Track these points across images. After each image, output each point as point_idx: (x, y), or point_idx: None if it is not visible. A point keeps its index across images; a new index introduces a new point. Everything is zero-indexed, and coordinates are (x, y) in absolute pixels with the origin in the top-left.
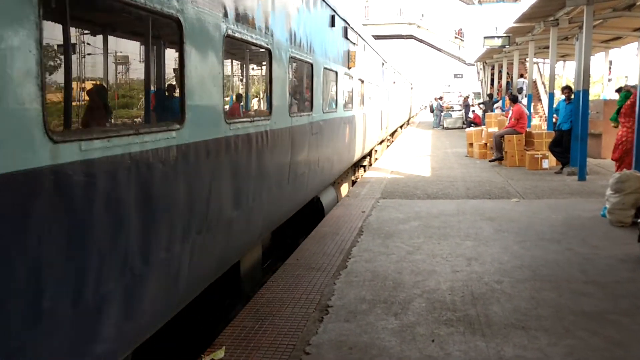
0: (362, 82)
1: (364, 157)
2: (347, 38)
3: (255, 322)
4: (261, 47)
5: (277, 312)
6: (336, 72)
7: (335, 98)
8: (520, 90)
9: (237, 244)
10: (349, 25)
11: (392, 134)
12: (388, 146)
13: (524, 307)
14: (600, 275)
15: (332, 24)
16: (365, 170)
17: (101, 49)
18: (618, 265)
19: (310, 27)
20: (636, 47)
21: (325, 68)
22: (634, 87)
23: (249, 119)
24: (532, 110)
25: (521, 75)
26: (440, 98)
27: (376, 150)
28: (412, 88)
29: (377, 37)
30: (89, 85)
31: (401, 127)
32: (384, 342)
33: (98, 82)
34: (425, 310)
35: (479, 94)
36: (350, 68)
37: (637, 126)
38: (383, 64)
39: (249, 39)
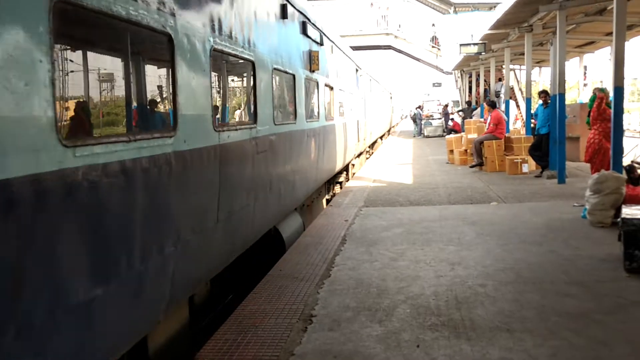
0: (332, 89)
1: (339, 173)
2: (307, 35)
3: (237, 335)
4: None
5: (260, 323)
6: (293, 75)
7: (294, 107)
8: (497, 94)
9: (127, 330)
10: (308, 19)
11: (372, 145)
12: (367, 158)
13: (508, 309)
14: (583, 276)
15: (284, 15)
16: (341, 187)
17: (95, 66)
18: (599, 266)
19: (248, 13)
20: (609, 51)
21: (275, 69)
22: (601, 90)
23: (125, 139)
24: (510, 114)
25: (499, 79)
26: (420, 107)
27: (353, 165)
28: (392, 97)
29: (355, 48)
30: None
31: (381, 137)
32: (368, 349)
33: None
34: (409, 316)
35: (458, 101)
36: (313, 71)
37: (613, 127)
38: (357, 70)
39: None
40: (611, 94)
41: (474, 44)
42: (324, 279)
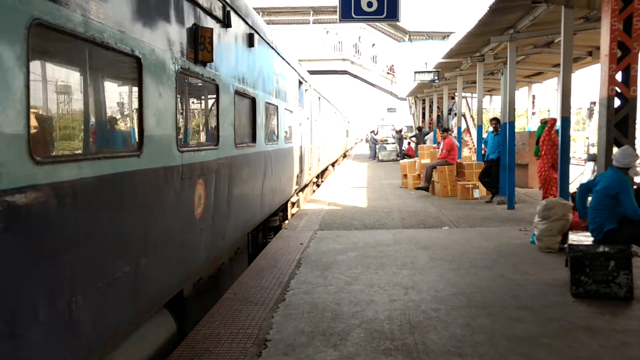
0: (254, 100)
1: (272, 216)
2: None
3: None
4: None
5: (214, 348)
6: (139, 59)
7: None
8: (450, 110)
9: None
10: None
11: (322, 173)
12: (314, 191)
13: (460, 333)
14: (531, 300)
15: None
16: (274, 235)
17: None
18: (547, 290)
19: None
20: (556, 82)
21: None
22: (549, 119)
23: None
24: (462, 139)
25: (452, 97)
26: (374, 132)
27: (293, 203)
28: (348, 121)
29: (312, 73)
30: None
31: (333, 164)
32: None
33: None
34: (364, 341)
35: (412, 127)
36: (203, 63)
37: (560, 156)
38: (301, 82)
39: None
40: (558, 123)
41: (428, 72)
42: (279, 303)
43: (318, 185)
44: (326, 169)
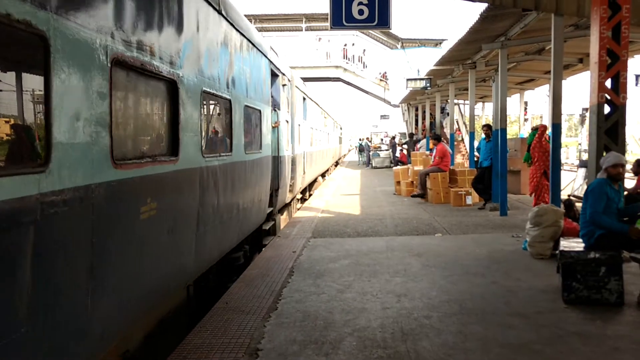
0: (172, 85)
1: (237, 249)
2: None
3: None
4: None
5: (205, 358)
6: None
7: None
8: (442, 109)
9: None
10: None
11: (310, 185)
12: (299, 208)
13: (452, 341)
14: (523, 307)
15: None
16: (242, 272)
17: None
18: (539, 296)
19: None
20: (547, 88)
21: None
22: (539, 126)
23: None
24: (454, 145)
25: (442, 110)
26: (368, 139)
27: (267, 230)
28: (341, 128)
29: (305, 80)
30: None
31: (323, 175)
32: None
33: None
34: (356, 349)
35: (405, 134)
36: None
37: (551, 162)
38: (275, 75)
39: None
40: (549, 130)
41: (421, 79)
42: (271, 312)
43: (305, 200)
44: (315, 180)
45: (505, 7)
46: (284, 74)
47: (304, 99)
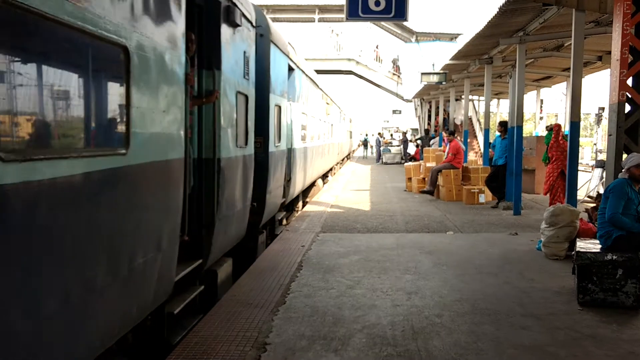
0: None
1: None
2: None
3: None
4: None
5: (212, 350)
6: None
7: None
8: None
9: None
10: None
11: (310, 186)
12: (295, 215)
13: (464, 340)
14: (537, 308)
15: None
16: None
17: None
18: (554, 298)
19: None
20: (564, 86)
21: None
22: (554, 125)
23: None
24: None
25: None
26: (380, 134)
27: (252, 249)
28: (350, 120)
29: (317, 72)
30: None
31: (325, 175)
32: None
33: None
34: (365, 346)
35: (417, 129)
36: None
37: (568, 161)
38: (261, 36)
39: None
40: (565, 128)
41: (435, 74)
42: (279, 306)
43: (304, 204)
44: (313, 184)
45: (525, 1)
46: (275, 44)
47: (308, 81)
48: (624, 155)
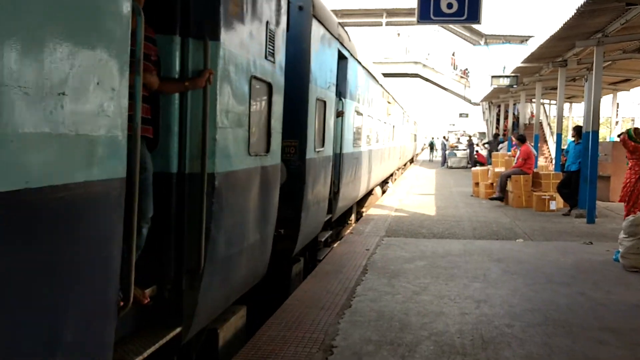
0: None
1: None
2: None
3: None
4: None
5: (279, 350)
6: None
7: None
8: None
9: None
10: None
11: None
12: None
13: (537, 352)
14: (616, 322)
15: None
16: None
17: None
18: (633, 312)
19: None
20: None
21: None
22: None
23: None
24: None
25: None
26: (445, 138)
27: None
28: (415, 122)
29: (384, 75)
30: None
31: (385, 181)
32: None
33: None
34: (433, 354)
35: (485, 133)
36: None
37: None
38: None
39: None
40: None
41: (506, 77)
42: (345, 309)
43: (359, 216)
44: (370, 193)
45: (607, 1)
46: (325, 26)
47: (342, 56)
48: None
